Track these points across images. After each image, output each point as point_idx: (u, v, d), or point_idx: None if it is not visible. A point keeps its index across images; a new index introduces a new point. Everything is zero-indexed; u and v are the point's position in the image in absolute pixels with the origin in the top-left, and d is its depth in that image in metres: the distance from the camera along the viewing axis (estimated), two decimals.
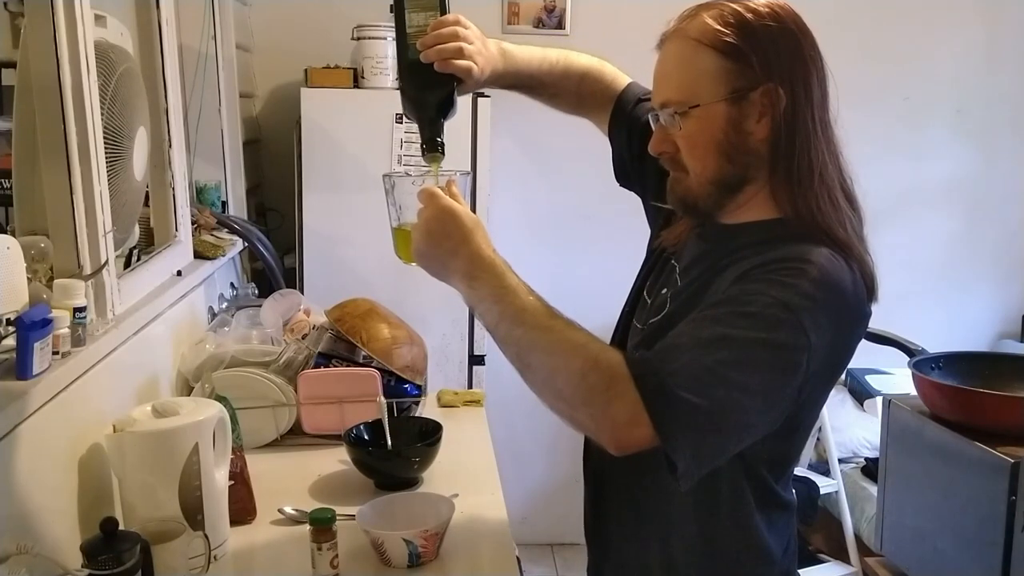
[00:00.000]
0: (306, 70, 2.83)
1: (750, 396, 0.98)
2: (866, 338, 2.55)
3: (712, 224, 1.18)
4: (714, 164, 1.11)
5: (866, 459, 3.10)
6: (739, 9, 1.09)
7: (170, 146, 1.98)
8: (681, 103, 1.10)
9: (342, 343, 1.92)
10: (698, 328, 1.01)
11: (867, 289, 1.10)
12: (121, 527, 1.16)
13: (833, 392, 3.43)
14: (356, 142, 2.77)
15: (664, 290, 1.22)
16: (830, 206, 1.11)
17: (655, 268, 1.30)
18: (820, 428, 2.91)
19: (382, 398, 1.73)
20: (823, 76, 1.13)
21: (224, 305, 2.39)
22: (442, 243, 1.11)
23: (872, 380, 3.40)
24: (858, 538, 2.87)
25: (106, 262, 1.48)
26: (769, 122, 1.09)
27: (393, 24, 1.28)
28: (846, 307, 1.06)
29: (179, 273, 1.97)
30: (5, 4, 1.88)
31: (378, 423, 1.71)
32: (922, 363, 2.26)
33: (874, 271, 1.12)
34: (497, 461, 1.78)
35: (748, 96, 1.08)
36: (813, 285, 1.01)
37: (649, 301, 1.26)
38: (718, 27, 1.08)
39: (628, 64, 1.52)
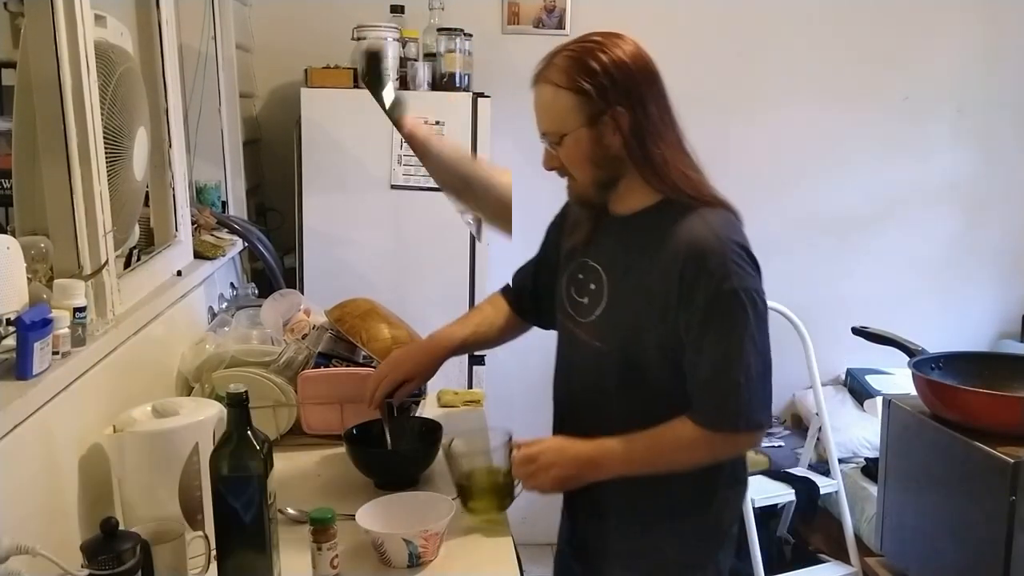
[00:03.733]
0: (306, 70, 2.83)
1: (763, 355, 1.38)
2: (866, 338, 2.56)
3: (611, 218, 1.49)
4: (589, 172, 1.44)
5: (866, 459, 3.09)
6: (581, 54, 1.40)
7: (170, 146, 1.98)
8: (555, 133, 1.43)
9: (342, 343, 1.92)
10: (715, 357, 1.36)
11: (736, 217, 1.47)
12: (121, 527, 1.16)
13: (833, 392, 3.46)
14: (356, 142, 2.77)
15: (592, 286, 1.50)
16: (686, 177, 1.43)
17: (574, 273, 1.54)
18: (820, 428, 2.91)
19: None
20: (657, 87, 1.42)
21: (224, 305, 2.39)
22: (572, 480, 1.45)
23: (872, 380, 3.40)
24: (858, 538, 2.87)
25: (106, 262, 1.48)
26: (621, 134, 1.40)
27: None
28: (744, 240, 1.42)
29: (179, 273, 1.97)
30: (5, 4, 1.87)
31: (378, 423, 1.71)
32: (922, 363, 2.26)
33: (732, 204, 1.47)
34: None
35: (601, 119, 1.39)
36: (735, 254, 1.36)
37: (585, 300, 1.51)
38: (567, 72, 1.39)
39: None
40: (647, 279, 1.41)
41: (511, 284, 1.78)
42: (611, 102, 1.38)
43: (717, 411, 1.37)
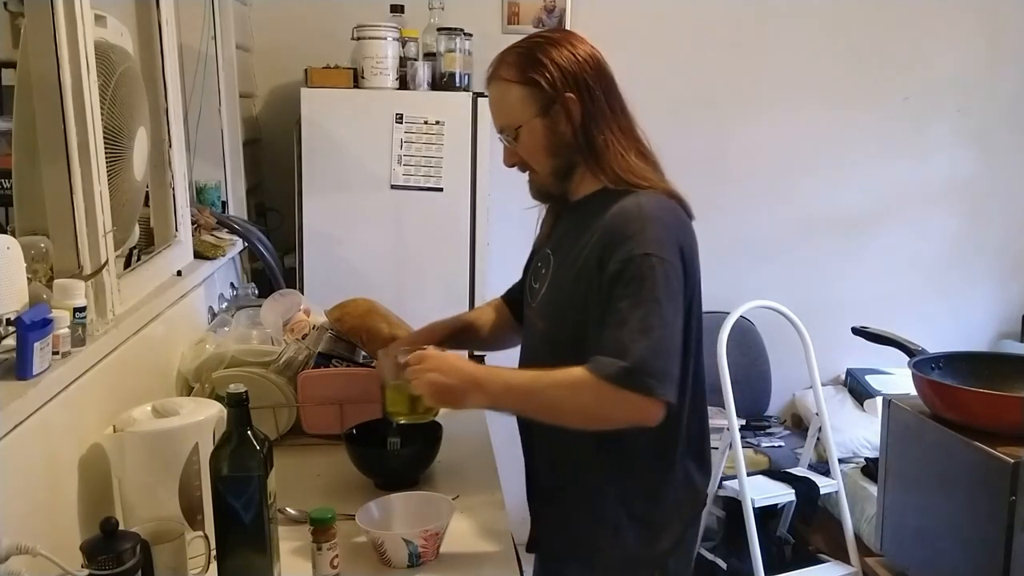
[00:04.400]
0: (306, 70, 2.83)
1: (670, 325, 1.35)
2: (866, 338, 2.56)
3: (566, 207, 1.55)
4: (548, 162, 1.49)
5: (866, 459, 3.09)
6: (530, 49, 1.46)
7: (170, 146, 1.98)
8: (510, 126, 1.48)
9: (342, 343, 1.92)
10: (617, 315, 1.34)
11: (682, 206, 1.48)
12: (121, 527, 1.16)
13: (833, 392, 3.46)
14: (356, 142, 2.77)
15: (544, 271, 1.56)
16: (628, 164, 1.46)
17: (535, 264, 1.61)
18: (820, 428, 2.91)
19: None
20: (603, 75, 1.47)
21: (224, 305, 2.39)
22: (449, 391, 1.40)
23: (872, 380, 3.40)
24: (858, 538, 2.87)
25: (106, 262, 1.48)
26: (572, 121, 1.45)
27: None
28: (678, 228, 1.43)
29: (179, 273, 1.97)
30: (5, 4, 1.88)
31: (378, 423, 1.70)
32: (922, 363, 2.26)
33: (681, 196, 1.48)
34: (497, 461, 1.78)
35: (552, 108, 1.45)
36: (655, 227, 1.38)
37: (537, 285, 1.57)
38: (517, 67, 1.46)
39: (626, 62, 1.54)
40: (579, 256, 1.44)
41: (508, 289, 1.83)
42: (561, 90, 1.43)
43: (612, 362, 1.32)
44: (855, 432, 3.19)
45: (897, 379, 3.28)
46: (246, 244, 2.58)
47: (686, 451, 1.51)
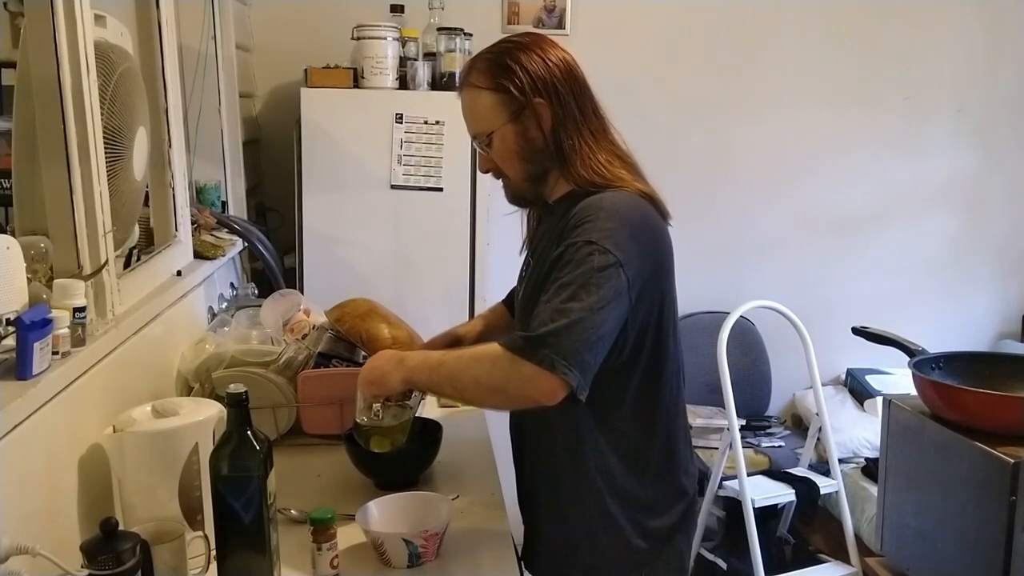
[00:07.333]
0: (306, 70, 2.83)
1: (593, 311, 1.30)
2: (866, 338, 2.55)
3: (547, 207, 1.54)
4: (520, 167, 1.49)
5: (866, 459, 3.09)
6: (499, 55, 1.47)
7: (170, 146, 1.98)
8: (483, 133, 1.50)
9: (342, 343, 1.92)
10: (545, 295, 1.33)
11: (657, 210, 1.46)
12: (121, 527, 1.16)
13: (833, 392, 3.46)
14: (356, 142, 2.77)
15: (525, 273, 1.58)
16: (606, 166, 1.45)
17: (522, 268, 1.62)
18: (820, 428, 2.91)
19: None
20: (573, 79, 1.47)
21: (224, 305, 2.39)
22: (377, 371, 1.48)
23: (872, 380, 3.40)
24: (858, 538, 2.87)
25: (106, 262, 1.48)
26: (543, 126, 1.45)
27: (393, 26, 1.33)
28: (638, 223, 1.40)
29: (179, 273, 1.97)
30: (5, 4, 1.87)
31: None
32: (922, 363, 2.26)
33: (657, 195, 1.47)
34: (497, 461, 1.78)
35: (523, 113, 1.45)
36: (606, 219, 1.36)
37: (520, 288, 1.59)
38: (487, 74, 1.46)
39: (626, 62, 1.53)
40: (548, 258, 1.42)
41: (508, 292, 1.82)
42: (530, 95, 1.43)
43: (519, 334, 1.32)
44: (855, 432, 3.19)
45: (897, 379, 3.28)
46: (246, 244, 2.58)
47: (667, 448, 1.51)
